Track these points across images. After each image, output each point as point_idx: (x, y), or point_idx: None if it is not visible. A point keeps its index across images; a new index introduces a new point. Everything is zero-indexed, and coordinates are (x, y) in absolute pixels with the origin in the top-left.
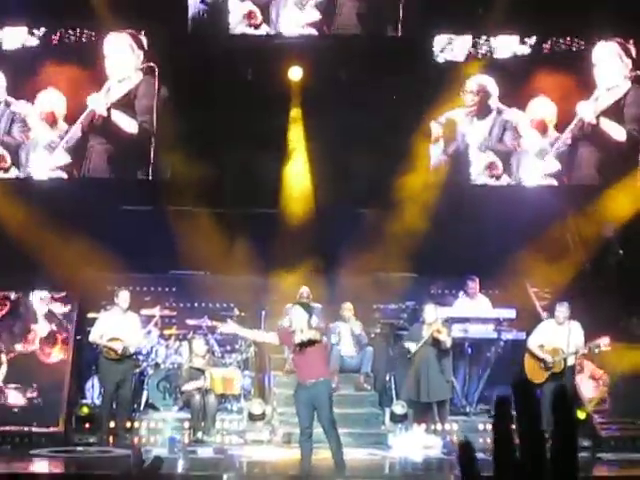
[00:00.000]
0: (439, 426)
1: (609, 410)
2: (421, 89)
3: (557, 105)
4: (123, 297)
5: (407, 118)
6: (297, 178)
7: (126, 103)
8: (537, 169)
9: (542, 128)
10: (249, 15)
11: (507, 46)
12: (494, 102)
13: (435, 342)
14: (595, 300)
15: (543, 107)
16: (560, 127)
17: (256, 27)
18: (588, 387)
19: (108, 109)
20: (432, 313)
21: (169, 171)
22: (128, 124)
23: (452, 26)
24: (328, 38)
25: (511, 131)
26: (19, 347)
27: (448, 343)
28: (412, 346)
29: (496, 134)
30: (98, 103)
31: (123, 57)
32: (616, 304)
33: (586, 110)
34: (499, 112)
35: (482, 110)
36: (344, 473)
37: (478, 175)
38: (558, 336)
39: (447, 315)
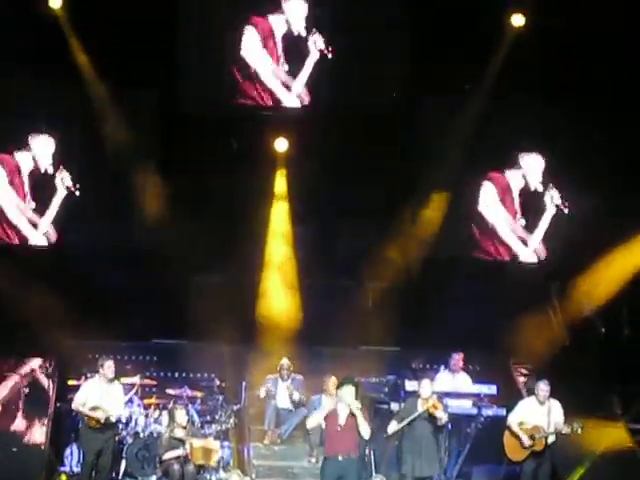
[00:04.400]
0: None
1: None
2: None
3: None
4: (109, 366)
5: (393, 189)
6: (280, 248)
7: None
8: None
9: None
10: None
11: None
12: None
13: (431, 418)
14: (576, 378)
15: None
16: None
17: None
18: None
19: None
20: (428, 388)
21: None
22: None
23: (438, 99)
24: (314, 110)
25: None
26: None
27: (444, 419)
28: (392, 426)
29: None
30: None
31: None
32: (597, 382)
33: None
34: None
35: None
36: None
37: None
38: (538, 414)
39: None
